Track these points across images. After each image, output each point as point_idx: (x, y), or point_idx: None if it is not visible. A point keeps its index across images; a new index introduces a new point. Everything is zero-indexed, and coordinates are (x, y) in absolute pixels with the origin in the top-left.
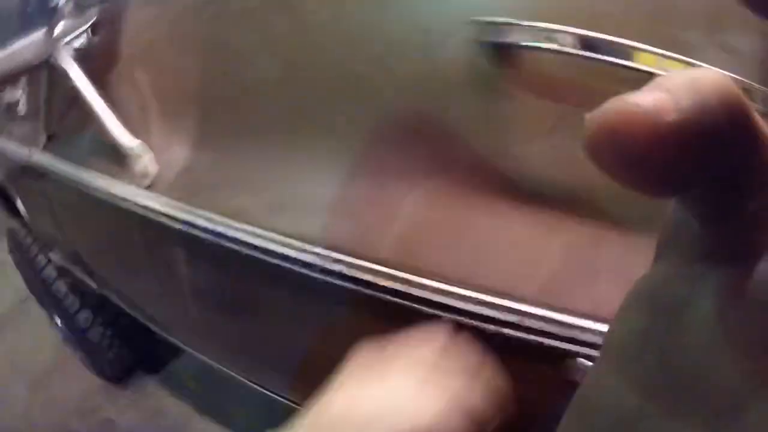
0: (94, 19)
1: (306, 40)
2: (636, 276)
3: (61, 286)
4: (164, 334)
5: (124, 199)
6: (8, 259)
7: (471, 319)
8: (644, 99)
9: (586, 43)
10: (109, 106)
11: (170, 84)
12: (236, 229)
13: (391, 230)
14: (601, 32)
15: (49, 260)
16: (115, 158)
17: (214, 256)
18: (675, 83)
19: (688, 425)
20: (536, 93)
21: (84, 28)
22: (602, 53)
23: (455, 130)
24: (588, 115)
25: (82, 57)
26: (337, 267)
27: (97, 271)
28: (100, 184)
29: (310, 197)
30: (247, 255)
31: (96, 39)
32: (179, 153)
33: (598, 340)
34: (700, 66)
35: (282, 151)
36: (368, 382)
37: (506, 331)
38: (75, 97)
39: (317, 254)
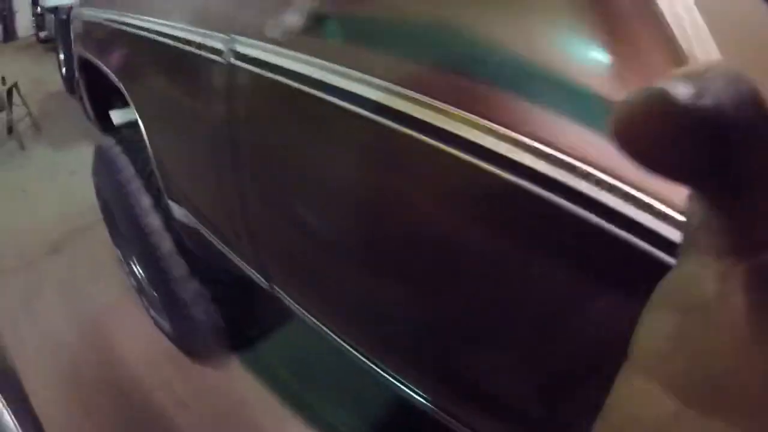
0: None
1: None
2: None
3: (166, 243)
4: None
5: None
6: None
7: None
8: (676, 85)
9: None
10: None
11: None
12: None
13: None
14: None
15: (158, 204)
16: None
17: None
18: (698, 73)
19: (728, 425)
20: None
21: None
22: None
23: None
24: (620, 101)
25: None
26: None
27: (274, 259)
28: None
29: None
30: None
31: None
32: None
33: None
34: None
35: None
36: None
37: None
38: None
39: None
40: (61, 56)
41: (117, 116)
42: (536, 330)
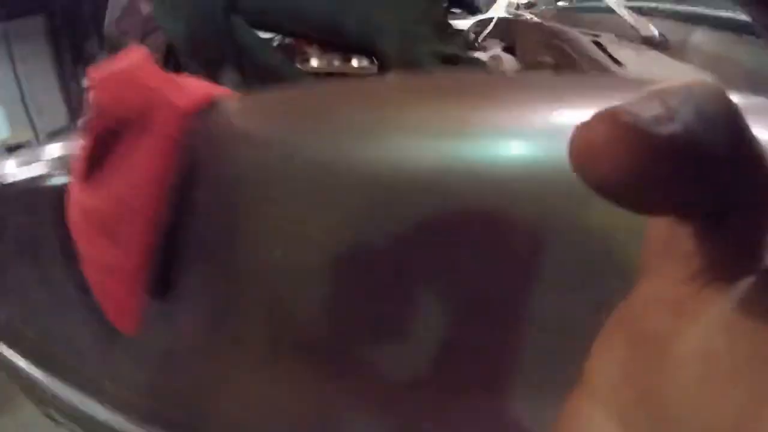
0: None
1: None
2: None
3: None
4: None
5: None
6: None
7: None
8: (640, 108)
9: None
10: None
11: None
12: None
13: None
14: None
15: None
16: None
17: None
18: (670, 92)
19: None
20: None
21: None
22: None
23: None
24: (578, 124)
25: None
26: None
27: None
28: None
29: None
30: None
31: None
32: None
33: None
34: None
35: None
36: None
37: None
38: None
39: None
40: None
41: None
42: None
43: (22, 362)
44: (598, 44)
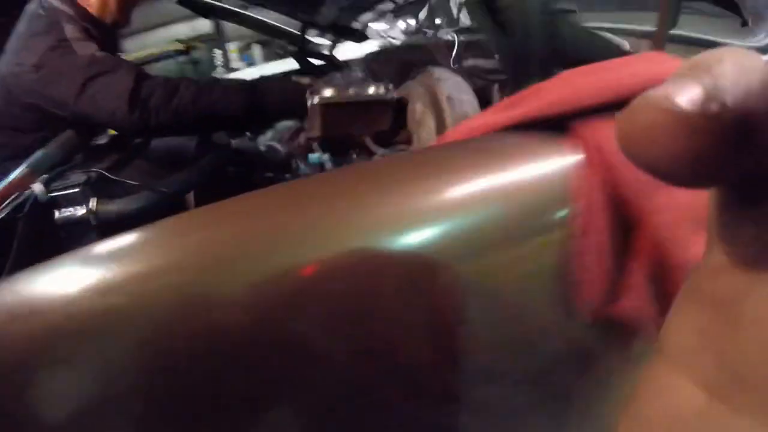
0: None
1: None
2: None
3: None
4: None
5: None
6: None
7: None
8: (680, 93)
9: None
10: None
11: None
12: None
13: None
14: None
15: None
16: None
17: None
18: (704, 68)
19: (757, 423)
20: None
21: None
22: None
23: None
24: (620, 114)
25: None
26: None
27: None
28: None
29: None
30: None
31: None
32: None
33: None
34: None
35: None
36: None
37: None
38: None
39: None
40: None
41: None
42: None
43: None
44: None
